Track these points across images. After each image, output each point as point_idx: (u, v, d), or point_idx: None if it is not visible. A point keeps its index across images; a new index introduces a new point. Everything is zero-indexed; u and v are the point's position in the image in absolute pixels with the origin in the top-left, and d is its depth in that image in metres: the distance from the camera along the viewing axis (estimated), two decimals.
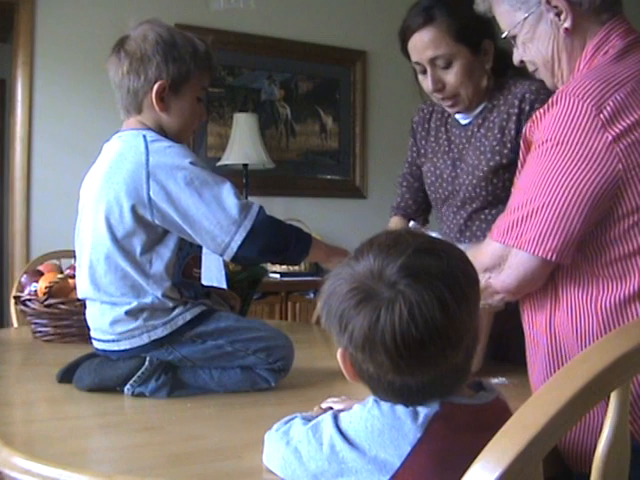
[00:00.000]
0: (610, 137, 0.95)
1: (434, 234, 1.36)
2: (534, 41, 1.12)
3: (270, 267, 3.43)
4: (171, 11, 3.52)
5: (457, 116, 1.68)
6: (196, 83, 1.33)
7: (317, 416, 0.83)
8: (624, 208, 0.96)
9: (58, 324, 1.81)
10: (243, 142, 3.55)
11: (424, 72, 1.58)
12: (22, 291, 1.94)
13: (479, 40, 1.56)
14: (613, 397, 0.66)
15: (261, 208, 1.26)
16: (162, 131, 1.33)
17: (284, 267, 3.52)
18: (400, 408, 0.76)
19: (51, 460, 0.90)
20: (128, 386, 1.26)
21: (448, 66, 1.55)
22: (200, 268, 1.40)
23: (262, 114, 3.80)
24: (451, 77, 1.56)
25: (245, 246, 1.23)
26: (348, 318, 0.74)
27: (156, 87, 1.29)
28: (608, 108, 0.95)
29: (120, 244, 1.25)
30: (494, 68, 1.60)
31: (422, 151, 1.79)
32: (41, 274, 1.95)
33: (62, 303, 1.81)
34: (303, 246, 1.32)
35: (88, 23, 3.39)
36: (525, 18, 1.11)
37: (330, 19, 4.00)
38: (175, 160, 1.25)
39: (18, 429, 1.12)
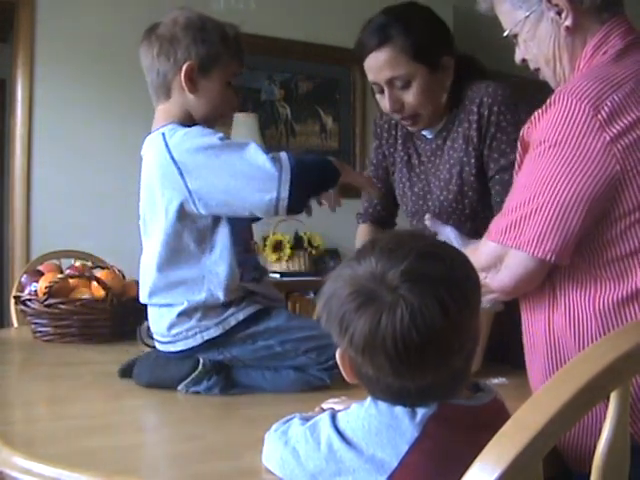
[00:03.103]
0: (608, 137, 0.95)
1: (451, 233, 1.33)
2: (535, 40, 1.12)
3: (270, 267, 3.43)
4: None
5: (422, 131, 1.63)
6: (225, 67, 1.34)
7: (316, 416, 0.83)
8: (622, 208, 0.96)
9: (58, 324, 1.81)
10: None
11: (381, 92, 1.53)
12: (22, 291, 1.94)
13: (438, 58, 1.50)
14: (613, 397, 0.66)
15: (289, 155, 1.25)
16: (190, 117, 1.33)
17: (284, 267, 3.52)
18: (398, 407, 0.76)
19: (51, 460, 0.90)
20: (182, 386, 1.27)
21: (406, 86, 1.49)
22: (252, 238, 1.42)
23: (262, 114, 3.79)
24: (410, 97, 1.50)
25: (294, 197, 1.22)
26: (349, 321, 0.73)
27: (185, 67, 1.29)
28: (606, 108, 0.95)
29: (171, 245, 1.27)
30: (453, 79, 1.54)
31: (391, 159, 1.75)
32: (41, 274, 1.95)
33: (62, 303, 1.81)
34: (333, 172, 1.32)
35: (88, 23, 3.38)
36: (526, 17, 1.11)
37: (330, 19, 3.99)
38: (194, 142, 1.25)
39: (18, 429, 1.12)
